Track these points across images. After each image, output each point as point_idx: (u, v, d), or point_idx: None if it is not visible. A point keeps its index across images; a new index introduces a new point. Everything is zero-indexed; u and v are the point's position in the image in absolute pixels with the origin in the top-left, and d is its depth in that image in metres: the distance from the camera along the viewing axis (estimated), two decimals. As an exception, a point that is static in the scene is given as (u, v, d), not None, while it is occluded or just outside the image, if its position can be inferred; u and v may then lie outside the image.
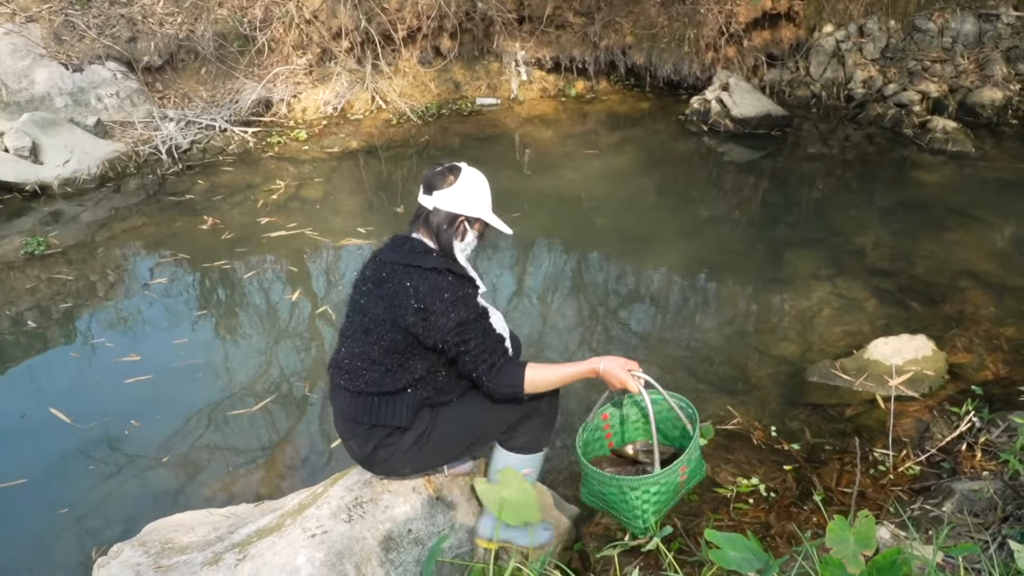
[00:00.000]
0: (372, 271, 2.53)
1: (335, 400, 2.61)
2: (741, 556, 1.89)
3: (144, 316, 5.47)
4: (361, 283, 2.56)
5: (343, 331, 2.58)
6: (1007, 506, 3.10)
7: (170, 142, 7.98)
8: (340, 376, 2.54)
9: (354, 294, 2.56)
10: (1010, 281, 5.42)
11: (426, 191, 2.53)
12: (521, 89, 9.85)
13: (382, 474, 2.59)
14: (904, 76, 9.14)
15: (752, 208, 7.03)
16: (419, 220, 2.57)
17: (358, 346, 2.47)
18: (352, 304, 2.56)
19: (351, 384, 2.50)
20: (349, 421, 2.53)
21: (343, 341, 2.56)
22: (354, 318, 2.53)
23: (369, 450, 2.48)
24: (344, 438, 2.59)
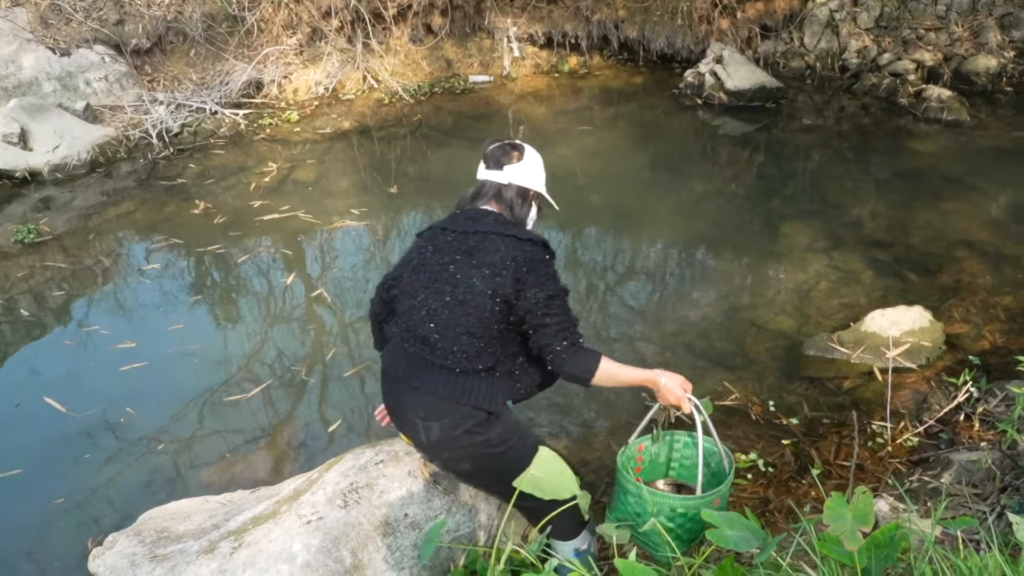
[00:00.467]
0: (456, 241, 2.48)
1: (417, 377, 2.42)
2: (739, 535, 1.88)
3: (139, 302, 5.44)
4: (439, 254, 2.49)
5: (419, 305, 2.45)
6: (1005, 476, 3.10)
7: (160, 126, 7.90)
8: (428, 352, 2.40)
9: (432, 266, 2.48)
10: (1006, 250, 5.40)
11: (495, 166, 2.58)
12: (514, 66, 9.76)
13: (447, 463, 2.49)
14: (899, 45, 9.06)
15: (747, 181, 6.99)
16: (487, 195, 2.59)
17: (455, 318, 2.38)
18: (432, 276, 2.46)
19: (446, 360, 2.38)
20: (441, 400, 2.37)
21: (428, 316, 2.42)
22: (439, 289, 2.43)
23: (456, 434, 2.37)
24: (421, 418, 2.40)
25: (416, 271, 2.53)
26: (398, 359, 2.50)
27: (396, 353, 2.52)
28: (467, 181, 7.26)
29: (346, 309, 5.27)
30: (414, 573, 2.29)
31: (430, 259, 2.50)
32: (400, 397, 2.48)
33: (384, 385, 2.58)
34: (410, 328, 2.46)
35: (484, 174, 2.61)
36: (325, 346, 4.88)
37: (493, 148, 2.61)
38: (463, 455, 2.41)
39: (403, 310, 2.52)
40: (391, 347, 2.58)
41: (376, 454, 2.51)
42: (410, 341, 2.45)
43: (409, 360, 2.45)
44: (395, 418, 2.59)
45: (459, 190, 7.01)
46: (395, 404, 2.53)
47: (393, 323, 2.64)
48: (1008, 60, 8.72)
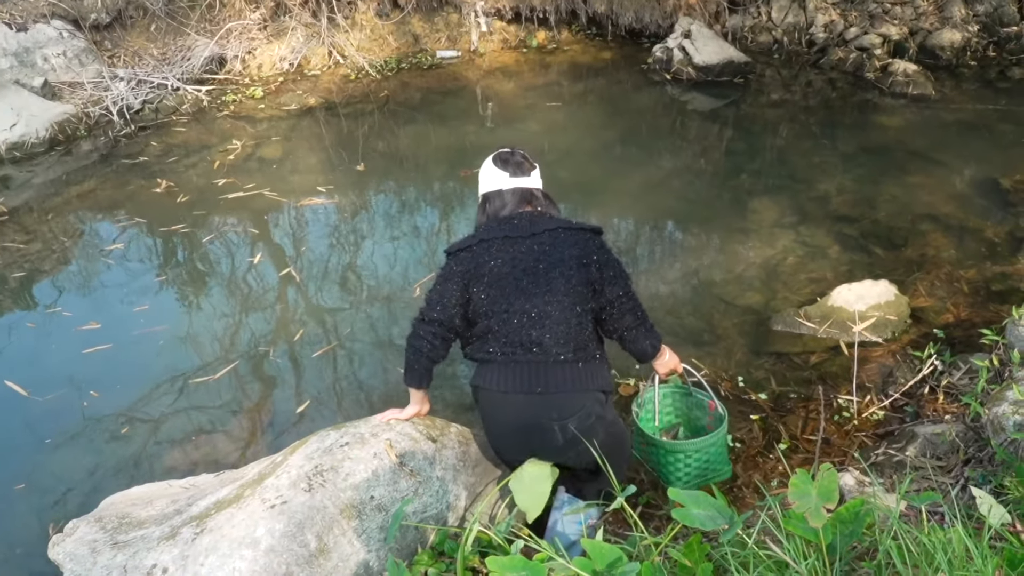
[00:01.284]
0: (531, 244, 2.58)
1: (540, 382, 2.49)
2: (705, 513, 1.88)
3: (102, 283, 5.35)
4: (520, 260, 2.56)
5: (517, 313, 2.52)
6: (969, 448, 3.13)
7: (121, 103, 7.72)
8: (543, 354, 2.49)
9: (516, 274, 2.54)
10: (970, 223, 5.45)
11: (522, 173, 2.76)
12: (481, 41, 9.65)
13: (579, 457, 2.56)
14: (865, 19, 9.08)
15: (716, 157, 6.99)
16: (522, 199, 2.75)
17: (559, 314, 2.51)
18: (519, 284, 2.53)
19: (563, 355, 2.50)
20: (570, 393, 2.49)
21: (531, 321, 2.50)
22: (533, 292, 2.51)
23: (590, 423, 2.51)
24: (556, 419, 2.48)
25: (497, 284, 2.56)
26: (509, 374, 2.53)
27: (506, 370, 2.54)
28: (436, 157, 7.20)
29: (315, 288, 5.21)
30: (381, 555, 2.27)
31: (510, 269, 2.56)
32: (525, 408, 2.52)
33: (493, 408, 2.60)
34: (512, 339, 2.52)
35: (512, 182, 2.74)
36: (293, 325, 4.82)
37: (512, 157, 2.79)
38: (600, 440, 2.52)
39: (497, 326, 2.55)
40: (493, 368, 2.58)
41: (341, 436, 2.47)
42: (518, 350, 2.51)
43: (523, 369, 2.51)
44: (518, 436, 2.57)
45: (427, 167, 6.98)
46: (517, 418, 2.54)
47: (481, 343, 2.61)
48: (972, 34, 8.79)
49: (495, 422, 2.63)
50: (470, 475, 2.58)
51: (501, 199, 2.74)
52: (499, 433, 2.65)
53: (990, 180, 6.02)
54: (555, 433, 2.50)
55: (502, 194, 2.74)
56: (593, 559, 1.82)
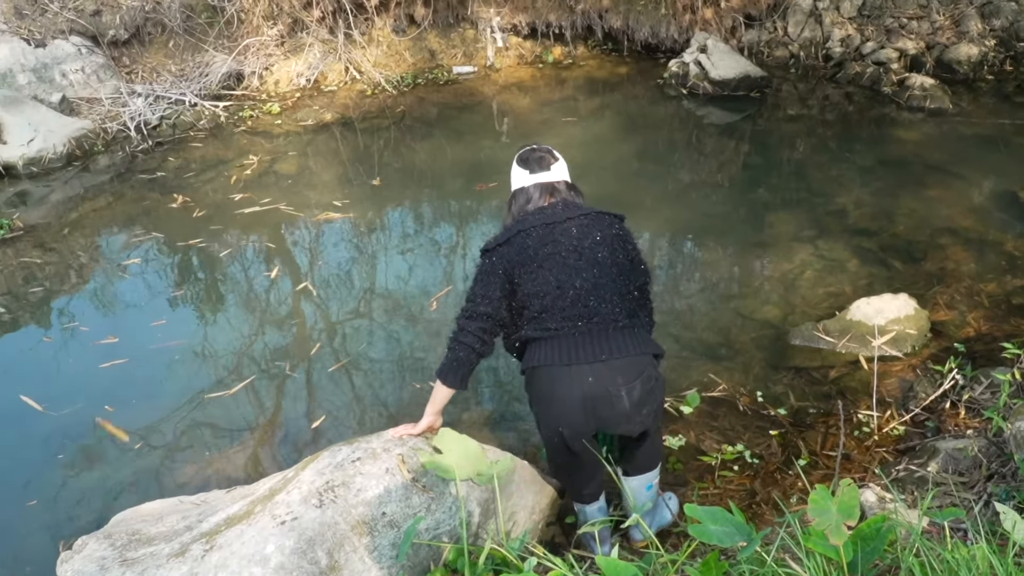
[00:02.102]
0: (566, 227, 2.66)
1: (604, 349, 2.55)
2: (722, 530, 1.84)
3: (120, 298, 5.36)
4: (559, 242, 2.64)
5: (566, 288, 2.59)
6: (991, 464, 3.07)
7: (139, 118, 7.78)
8: (601, 322, 2.57)
9: (558, 256, 2.62)
10: (990, 236, 5.38)
11: (542, 168, 2.82)
12: (497, 56, 9.67)
13: (643, 420, 2.66)
14: (882, 34, 9.04)
15: (733, 171, 6.95)
16: (544, 192, 2.81)
17: (610, 285, 2.60)
18: (564, 262, 2.61)
19: (620, 322, 2.59)
20: (633, 358, 2.57)
21: (585, 293, 2.58)
22: (580, 267, 2.60)
23: (651, 385, 2.62)
24: (623, 383, 2.55)
25: (545, 265, 2.62)
26: (570, 346, 2.57)
27: (566, 342, 2.58)
28: (452, 172, 7.21)
29: (331, 302, 5.21)
30: (393, 573, 2.24)
31: (553, 249, 2.62)
32: (591, 378, 2.54)
33: (557, 383, 2.59)
34: (570, 312, 2.57)
35: (534, 177, 2.81)
36: (310, 340, 4.81)
37: (532, 155, 2.87)
38: (655, 403, 2.67)
39: (550, 303, 2.60)
40: (551, 343, 2.60)
41: (353, 451, 2.44)
42: (578, 322, 2.57)
43: (586, 339, 2.57)
44: (585, 407, 2.58)
45: (444, 181, 6.98)
46: (584, 389, 2.55)
47: (536, 323, 2.64)
48: (989, 49, 8.72)
49: (559, 398, 2.60)
50: (484, 491, 2.55)
51: (525, 195, 2.82)
52: (564, 410, 2.61)
53: (1009, 193, 5.95)
54: (622, 399, 2.56)
55: (526, 190, 2.82)
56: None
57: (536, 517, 2.79)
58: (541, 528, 2.85)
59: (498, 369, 4.48)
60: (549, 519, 2.95)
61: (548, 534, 2.98)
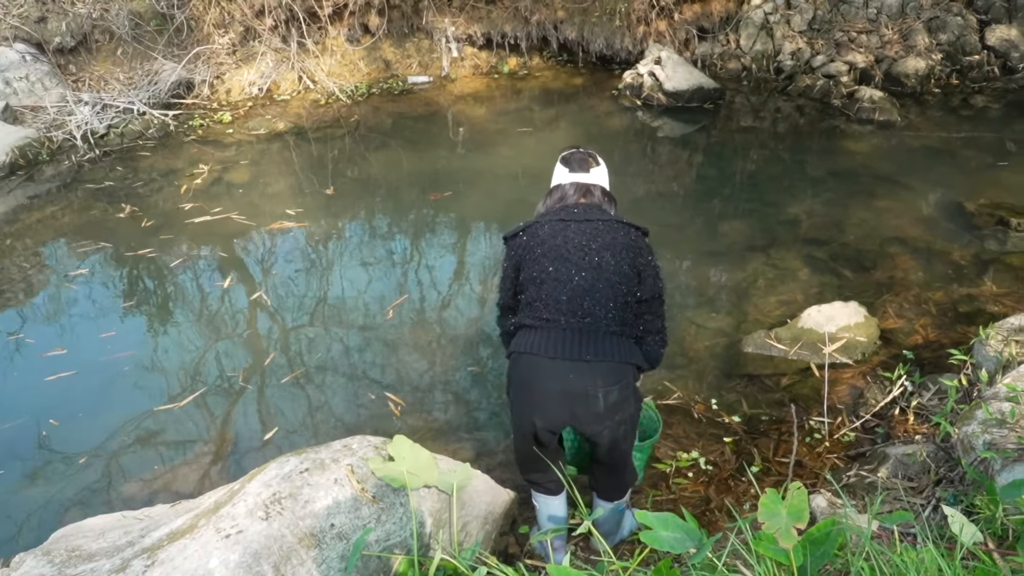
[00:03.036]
0: (584, 228, 2.69)
1: (588, 349, 2.57)
2: (674, 536, 1.82)
3: (67, 309, 5.23)
4: (573, 241, 2.67)
5: (567, 282, 2.62)
6: (939, 469, 3.11)
7: (85, 127, 7.62)
8: (592, 323, 2.59)
9: (570, 251, 2.66)
10: (937, 246, 5.49)
11: (582, 169, 2.86)
12: (453, 67, 9.66)
13: (614, 428, 2.66)
14: (831, 47, 9.21)
15: (687, 181, 7.00)
16: (579, 191, 2.84)
17: (608, 290, 2.61)
18: (572, 260, 2.64)
19: (611, 327, 2.60)
20: (615, 363, 2.58)
21: (583, 292, 2.61)
22: (584, 266, 2.63)
23: (627, 393, 2.63)
24: (601, 386, 2.57)
25: (552, 258, 2.67)
26: (556, 339, 2.59)
27: (553, 334, 2.60)
28: (407, 182, 7.15)
29: (285, 312, 5.13)
30: (341, 586, 2.19)
31: (562, 242, 2.68)
32: (570, 374, 2.57)
33: (536, 374, 2.62)
34: (563, 307, 2.61)
35: (572, 176, 2.86)
36: (263, 351, 4.73)
37: (575, 155, 2.93)
38: (628, 413, 2.67)
39: (546, 293, 2.64)
40: (539, 333, 2.63)
41: (301, 462, 2.39)
42: (570, 318, 2.60)
43: (573, 336, 2.59)
44: (560, 402, 2.60)
45: (398, 191, 6.92)
46: (563, 384, 2.58)
47: (530, 310, 2.69)
48: (936, 62, 8.93)
49: (538, 389, 2.63)
50: (436, 501, 2.51)
51: (561, 191, 2.87)
52: (541, 401, 2.64)
53: (955, 204, 6.08)
54: (598, 400, 2.57)
55: (562, 187, 2.88)
56: (559, 586, 1.76)
57: (489, 527, 2.76)
58: (495, 538, 2.81)
59: (451, 380, 4.44)
60: (503, 529, 2.91)
61: (501, 544, 2.94)
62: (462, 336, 4.86)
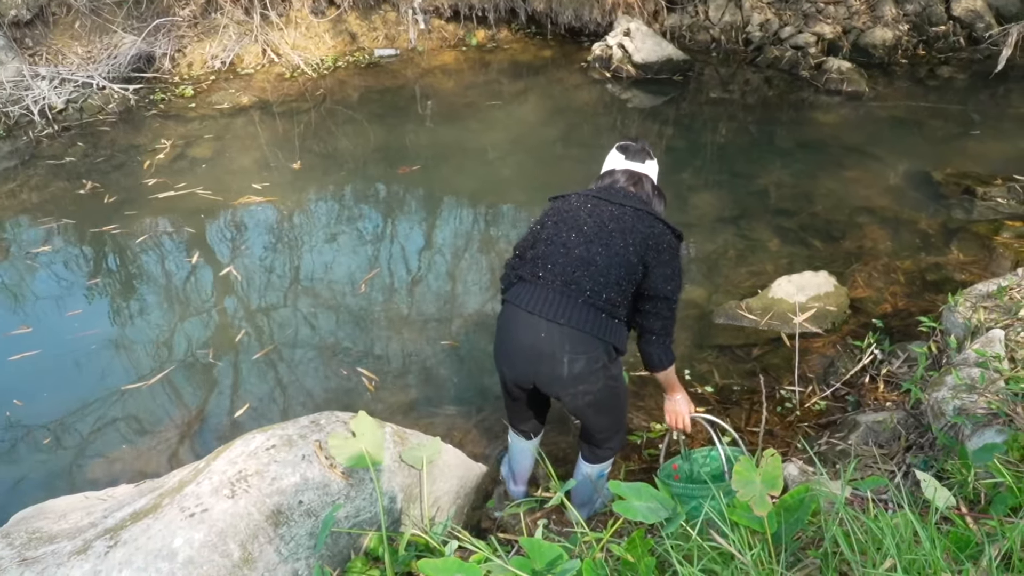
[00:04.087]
0: (611, 210, 2.70)
1: (564, 314, 2.60)
2: (647, 506, 1.80)
3: (31, 287, 5.12)
4: (596, 216, 2.69)
5: (574, 249, 2.65)
6: (910, 435, 3.13)
7: (43, 102, 7.41)
8: (579, 293, 2.61)
9: (589, 223, 2.68)
10: (904, 215, 5.52)
11: (637, 159, 2.88)
12: (420, 39, 9.52)
13: (576, 397, 2.69)
14: (799, 18, 9.19)
15: (656, 154, 6.90)
16: (630, 179, 2.85)
17: (609, 269, 2.60)
18: (587, 232, 2.67)
19: (597, 302, 2.61)
20: (587, 335, 2.59)
21: (584, 263, 2.63)
22: (594, 241, 2.64)
23: (596, 367, 2.64)
24: (568, 351, 2.59)
25: (567, 225, 2.71)
26: (540, 297, 2.64)
27: (539, 292, 2.65)
28: (374, 155, 7.04)
29: (255, 288, 5.05)
30: (310, 564, 2.15)
31: (585, 218, 2.70)
32: (541, 332, 2.61)
33: (514, 325, 2.69)
34: (559, 271, 2.64)
35: (625, 164, 2.88)
36: (233, 327, 4.66)
37: (632, 145, 2.94)
38: (594, 388, 2.67)
39: (551, 253, 2.68)
40: (528, 287, 2.69)
41: (268, 439, 2.34)
42: (560, 281, 2.63)
43: (555, 298, 2.62)
44: (529, 357, 2.65)
45: (366, 164, 6.84)
46: (534, 341, 2.62)
47: (529, 265, 2.73)
48: (903, 33, 8.95)
49: (511, 338, 2.70)
50: (406, 476, 2.47)
51: (612, 176, 2.90)
52: (511, 350, 2.71)
53: (923, 173, 6.11)
54: (563, 365, 2.60)
55: (614, 172, 2.91)
56: (532, 558, 1.73)
57: (461, 502, 2.73)
58: (467, 512, 2.79)
59: (424, 354, 4.40)
60: (475, 503, 2.89)
61: (474, 518, 2.92)
62: (435, 310, 4.82)
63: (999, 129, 6.97)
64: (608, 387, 2.73)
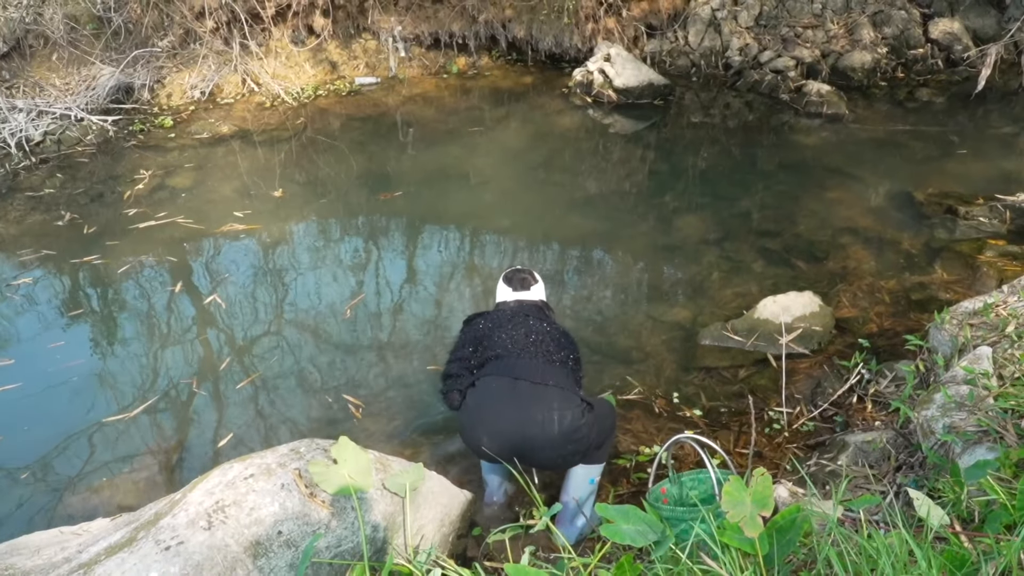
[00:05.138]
0: (524, 321, 3.13)
1: (541, 375, 2.84)
2: (635, 529, 1.75)
3: (12, 319, 5.05)
4: (515, 319, 3.13)
5: (518, 332, 3.04)
6: (899, 454, 3.10)
7: (20, 134, 7.35)
8: (546, 358, 2.94)
9: (513, 326, 3.10)
10: (887, 235, 5.53)
11: (524, 288, 3.34)
12: (401, 67, 9.54)
13: (566, 458, 2.87)
14: (778, 43, 9.28)
15: (639, 178, 6.98)
16: (524, 307, 3.28)
17: (542, 360, 2.94)
18: (516, 330, 3.08)
19: (565, 364, 2.99)
20: (567, 392, 2.82)
21: (534, 341, 3.00)
22: (528, 332, 3.06)
23: (581, 423, 2.81)
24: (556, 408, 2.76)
25: (498, 329, 3.08)
26: (520, 364, 2.88)
27: (516, 361, 2.89)
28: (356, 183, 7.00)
29: (239, 316, 4.99)
30: (291, 596, 2.08)
31: (507, 323, 3.10)
32: (529, 395, 2.78)
33: (497, 394, 2.84)
34: (524, 342, 2.96)
35: (514, 295, 3.33)
36: (217, 357, 4.60)
37: (515, 275, 3.38)
38: (580, 445, 2.83)
39: (499, 341, 3.00)
40: (503, 363, 2.90)
41: (246, 468, 2.27)
42: (529, 347, 2.93)
43: (535, 361, 2.88)
44: (511, 425, 2.77)
45: (348, 192, 6.81)
46: (519, 406, 2.77)
47: (485, 369, 2.96)
48: (881, 56, 9.05)
49: (491, 406, 2.82)
50: (389, 504, 2.41)
51: (506, 306, 3.31)
52: (493, 417, 2.81)
53: (904, 194, 6.14)
54: (553, 422, 2.74)
55: (507, 303, 3.31)
56: (518, 586, 1.68)
57: (446, 529, 2.67)
58: (451, 540, 2.72)
59: (411, 381, 4.34)
60: (460, 531, 2.82)
61: (459, 547, 2.85)
62: (419, 335, 4.77)
63: (979, 150, 7.03)
64: (596, 432, 2.91)
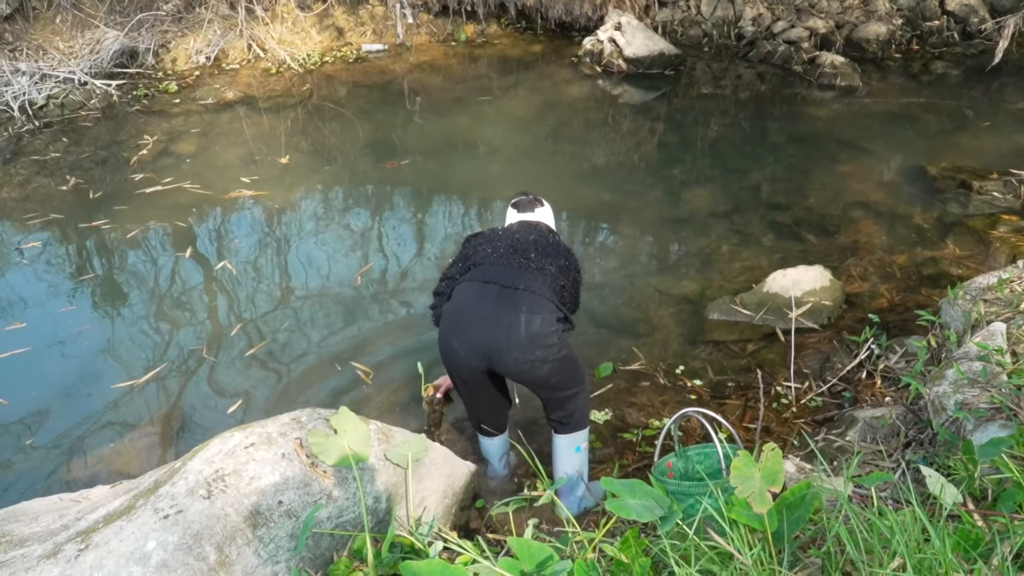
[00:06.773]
0: (514, 235, 3.03)
1: (521, 280, 2.80)
2: (641, 503, 1.72)
3: (22, 283, 5.03)
4: (506, 239, 3.00)
5: (513, 237, 2.99)
6: (909, 431, 3.06)
7: (23, 98, 7.29)
8: (529, 263, 2.86)
9: (513, 241, 2.99)
10: (899, 210, 5.45)
11: (529, 210, 3.21)
12: (408, 34, 9.42)
13: (534, 365, 2.78)
14: (792, 13, 9.13)
15: (648, 149, 6.89)
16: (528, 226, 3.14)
17: (517, 266, 2.86)
18: (495, 247, 2.97)
19: (546, 271, 2.88)
20: (541, 298, 2.77)
21: (527, 246, 2.93)
22: (517, 253, 2.92)
23: (550, 330, 2.77)
24: (525, 312, 2.73)
25: (487, 243, 2.99)
26: (494, 269, 2.84)
27: (491, 267, 2.86)
28: (362, 151, 6.93)
29: (247, 282, 4.96)
30: (291, 566, 2.06)
31: (499, 238, 3.01)
32: (498, 297, 2.76)
33: (463, 299, 2.85)
34: (505, 251, 2.89)
35: (518, 216, 3.19)
36: (226, 323, 4.58)
37: (522, 199, 3.25)
38: (551, 355, 2.78)
39: (482, 252, 2.94)
40: (477, 271, 2.88)
41: (246, 437, 2.24)
42: (509, 256, 2.87)
43: (510, 267, 2.83)
44: (478, 323, 2.77)
45: (354, 160, 6.73)
46: (488, 309, 2.76)
47: (471, 272, 2.91)
48: (896, 27, 8.90)
49: (464, 308, 2.82)
50: (391, 475, 2.38)
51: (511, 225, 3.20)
52: (464, 320, 2.81)
53: (917, 168, 6.05)
54: (520, 325, 2.72)
55: (512, 225, 3.18)
56: (521, 559, 1.65)
57: (448, 501, 2.64)
58: (454, 512, 2.69)
59: (412, 351, 4.31)
60: (463, 503, 2.79)
61: (462, 519, 2.83)
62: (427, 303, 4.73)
63: (994, 123, 6.92)
64: (562, 356, 2.83)
